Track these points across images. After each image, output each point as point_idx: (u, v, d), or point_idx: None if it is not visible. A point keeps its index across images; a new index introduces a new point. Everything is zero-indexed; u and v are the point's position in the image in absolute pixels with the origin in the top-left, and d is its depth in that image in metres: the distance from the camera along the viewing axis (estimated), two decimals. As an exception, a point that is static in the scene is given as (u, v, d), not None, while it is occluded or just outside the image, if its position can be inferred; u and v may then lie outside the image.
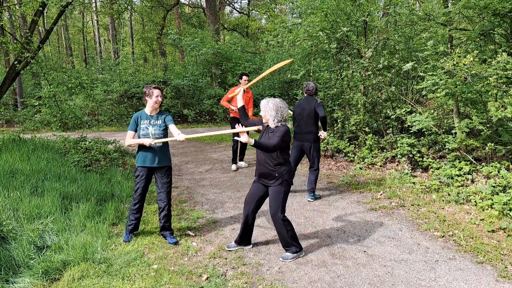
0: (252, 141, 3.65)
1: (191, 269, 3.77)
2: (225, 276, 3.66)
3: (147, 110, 4.34)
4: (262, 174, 3.96)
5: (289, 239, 3.94)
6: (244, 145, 7.95)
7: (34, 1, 7.73)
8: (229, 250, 4.17)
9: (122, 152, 8.88)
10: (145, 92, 4.27)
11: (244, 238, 4.19)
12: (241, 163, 7.97)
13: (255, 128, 3.77)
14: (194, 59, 18.50)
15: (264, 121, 3.95)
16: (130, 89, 16.00)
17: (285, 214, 3.96)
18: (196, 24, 29.73)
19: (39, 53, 8.68)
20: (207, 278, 3.60)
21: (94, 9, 26.24)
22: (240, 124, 3.92)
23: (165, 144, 4.36)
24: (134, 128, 4.31)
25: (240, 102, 4.42)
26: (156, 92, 4.25)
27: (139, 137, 4.28)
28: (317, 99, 5.81)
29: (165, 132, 4.33)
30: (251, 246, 4.28)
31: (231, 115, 7.58)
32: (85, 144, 8.25)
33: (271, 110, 3.83)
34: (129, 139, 4.31)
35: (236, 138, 3.78)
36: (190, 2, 32.85)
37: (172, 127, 4.30)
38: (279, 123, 3.85)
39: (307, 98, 5.87)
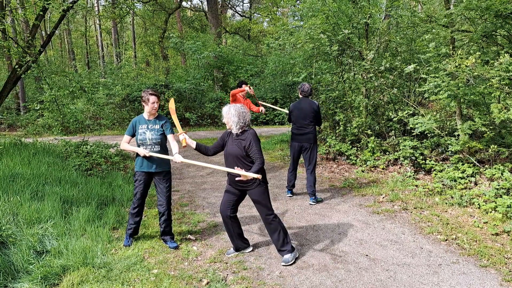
0: (250, 176, 3.61)
1: (191, 274, 3.74)
2: (226, 280, 3.63)
3: (145, 114, 4.32)
4: (238, 180, 3.87)
5: (284, 235, 3.95)
6: None
7: (35, 5, 7.76)
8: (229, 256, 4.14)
9: (124, 156, 8.87)
10: (142, 97, 4.25)
11: (239, 244, 4.16)
12: None
13: (257, 176, 3.66)
14: (196, 62, 18.55)
15: (227, 127, 3.93)
16: (132, 93, 16.04)
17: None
18: (198, 28, 29.88)
19: (41, 57, 8.69)
20: (207, 283, 3.57)
21: (97, 13, 26.37)
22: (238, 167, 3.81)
23: (164, 149, 4.33)
24: (131, 133, 4.29)
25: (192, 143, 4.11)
26: (152, 98, 4.19)
27: (137, 142, 4.27)
28: (315, 101, 5.94)
29: (163, 137, 4.30)
30: (251, 249, 4.25)
31: None
32: (86, 148, 8.24)
33: (233, 116, 3.81)
34: (124, 143, 4.31)
35: (237, 179, 3.75)
36: (192, 5, 32.97)
37: (170, 139, 4.27)
38: (242, 128, 3.84)
39: (304, 99, 5.93)
